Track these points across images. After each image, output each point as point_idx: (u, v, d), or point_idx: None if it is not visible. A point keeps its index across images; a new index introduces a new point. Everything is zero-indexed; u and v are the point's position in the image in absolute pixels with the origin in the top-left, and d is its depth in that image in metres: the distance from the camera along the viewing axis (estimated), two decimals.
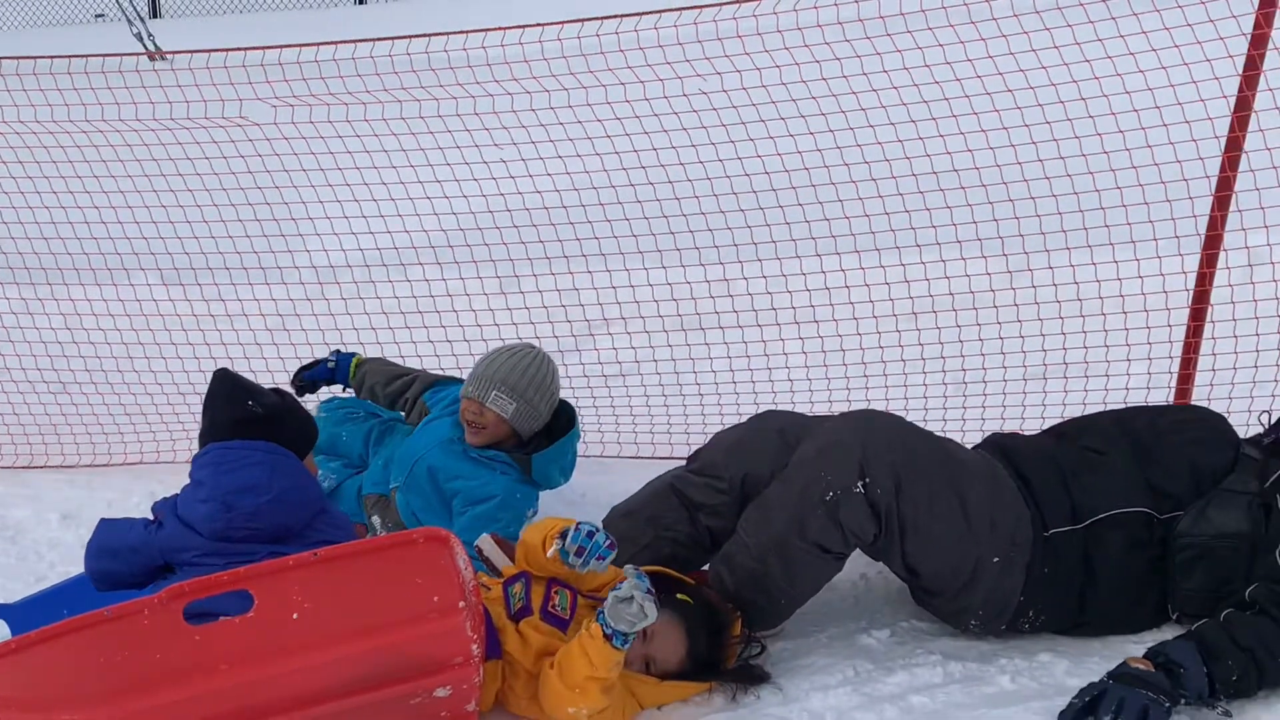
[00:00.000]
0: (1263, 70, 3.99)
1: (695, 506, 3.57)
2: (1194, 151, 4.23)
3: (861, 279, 4.69)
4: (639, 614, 3.06)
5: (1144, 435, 3.46)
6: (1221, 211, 4.18)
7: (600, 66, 4.62)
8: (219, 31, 9.47)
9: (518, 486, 3.93)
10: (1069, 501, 3.37)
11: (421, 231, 5.28)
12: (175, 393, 5.18)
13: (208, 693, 2.87)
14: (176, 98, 5.05)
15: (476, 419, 3.95)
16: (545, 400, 3.96)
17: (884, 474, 3.24)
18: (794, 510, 3.30)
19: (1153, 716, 2.98)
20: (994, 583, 3.35)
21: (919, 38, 4.43)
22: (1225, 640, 3.13)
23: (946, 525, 3.28)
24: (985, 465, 3.40)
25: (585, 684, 3.10)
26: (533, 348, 4.06)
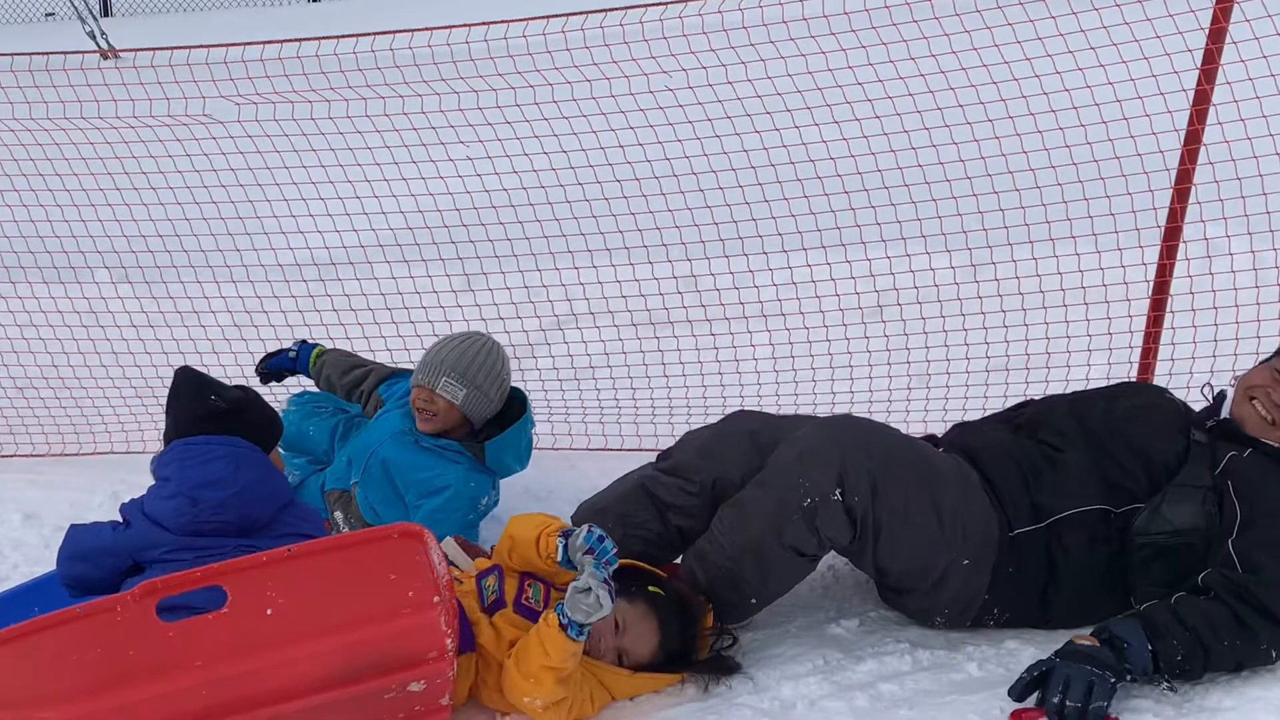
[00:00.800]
0: (1220, 64, 4.05)
1: (666, 506, 3.59)
2: (1154, 144, 4.30)
3: (828, 273, 4.75)
4: (595, 605, 3.06)
5: (1099, 429, 3.50)
6: (1181, 203, 4.25)
7: (566, 63, 4.64)
8: (172, 30, 9.43)
9: (471, 475, 3.93)
10: (1029, 501, 3.42)
11: (387, 229, 5.29)
12: (142, 388, 5.17)
13: (182, 689, 2.87)
14: (134, 95, 5.02)
15: (427, 406, 3.95)
16: (495, 386, 3.97)
17: (862, 482, 3.27)
18: (771, 515, 3.32)
19: (1098, 692, 3.03)
20: (962, 583, 3.40)
21: (883, 33, 4.47)
22: (1171, 620, 3.18)
23: (920, 530, 3.32)
24: (957, 469, 3.43)
25: (540, 673, 3.11)
26: (481, 335, 4.07)
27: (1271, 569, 3.22)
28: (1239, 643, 3.18)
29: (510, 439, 3.99)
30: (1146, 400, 3.62)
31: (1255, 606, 3.19)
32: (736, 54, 4.53)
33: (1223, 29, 4.01)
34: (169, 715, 2.87)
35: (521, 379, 5.01)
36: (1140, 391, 3.73)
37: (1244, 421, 3.45)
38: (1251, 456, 3.41)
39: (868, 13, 4.47)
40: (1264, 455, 3.42)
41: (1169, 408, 3.60)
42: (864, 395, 4.60)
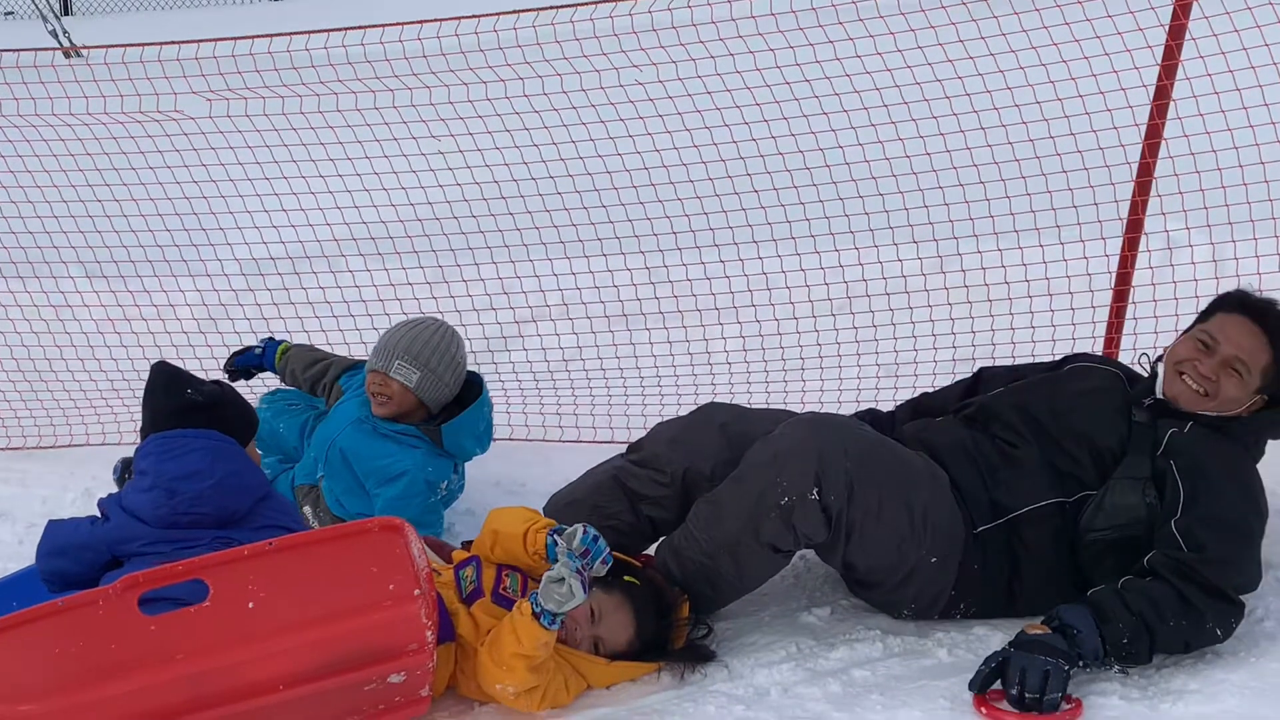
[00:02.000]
0: (1180, 60, 4.13)
1: (637, 497, 3.62)
2: (1115, 139, 4.37)
3: (797, 265, 4.78)
4: (568, 594, 3.10)
5: (1045, 421, 3.53)
6: (1142, 197, 4.32)
7: (536, 58, 4.66)
8: (134, 28, 9.38)
9: (429, 460, 3.95)
10: (989, 499, 3.47)
11: (359, 223, 5.29)
12: (110, 385, 5.17)
13: (164, 682, 2.88)
14: (105, 92, 4.99)
15: (381, 391, 3.96)
16: (450, 369, 3.97)
17: (838, 482, 3.30)
18: (748, 512, 3.36)
19: (1052, 682, 3.08)
20: (928, 579, 3.45)
21: (849, 28, 4.51)
22: (1117, 604, 3.22)
23: (892, 529, 3.37)
24: (928, 468, 3.48)
25: (512, 661, 3.13)
26: (434, 319, 4.09)
27: (1214, 546, 3.27)
28: (1185, 623, 3.22)
29: (467, 421, 3.99)
30: (1087, 386, 3.63)
31: (1200, 585, 3.24)
32: (706, 48, 4.56)
33: (1182, 26, 4.09)
34: (151, 708, 2.88)
35: (495, 373, 5.07)
36: (1083, 374, 3.71)
37: (1177, 399, 3.48)
38: (1192, 430, 3.45)
39: (834, 7, 4.52)
40: (1203, 427, 3.45)
41: (1110, 390, 3.60)
42: (833, 388, 4.65)
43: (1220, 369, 3.45)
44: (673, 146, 4.74)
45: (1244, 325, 3.48)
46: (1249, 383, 3.46)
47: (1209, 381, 3.46)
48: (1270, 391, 3.50)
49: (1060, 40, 4.31)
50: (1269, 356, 3.46)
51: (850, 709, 3.19)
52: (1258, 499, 3.43)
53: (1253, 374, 3.46)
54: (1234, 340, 3.46)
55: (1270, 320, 3.47)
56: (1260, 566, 3.39)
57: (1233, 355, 3.45)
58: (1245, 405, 3.49)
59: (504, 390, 5.03)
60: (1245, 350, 3.45)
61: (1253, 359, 3.45)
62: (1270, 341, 3.46)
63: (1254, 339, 3.46)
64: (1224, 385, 3.46)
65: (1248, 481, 3.43)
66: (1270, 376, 3.47)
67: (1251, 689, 3.13)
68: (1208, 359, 3.46)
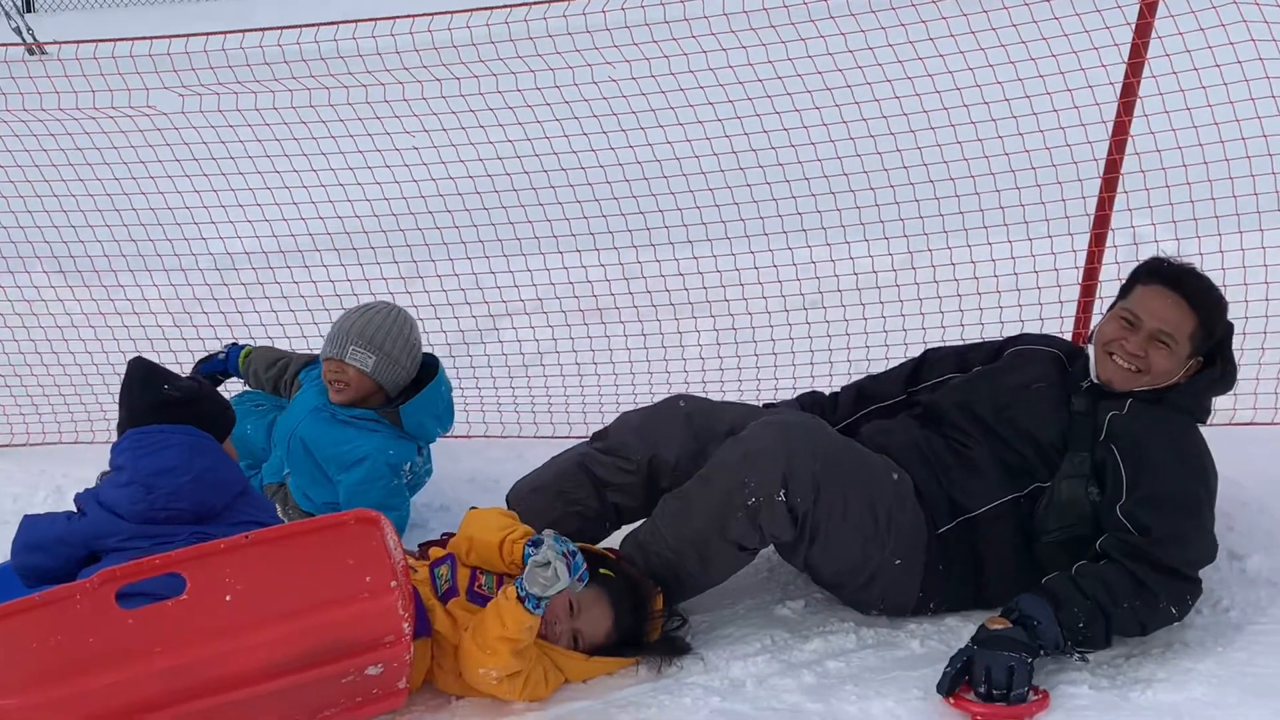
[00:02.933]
0: (1147, 58, 4.18)
1: (602, 484, 3.64)
2: (1083, 136, 4.41)
3: (769, 260, 4.82)
4: (553, 578, 3.12)
5: (990, 419, 3.55)
6: (1109, 194, 4.38)
7: (510, 54, 4.67)
8: (97, 24, 9.32)
9: (390, 443, 3.96)
10: (947, 499, 3.51)
11: (332, 218, 5.27)
12: (82, 381, 5.15)
13: (142, 675, 2.89)
14: (77, 88, 4.96)
15: (338, 377, 3.97)
16: (405, 351, 3.98)
17: (805, 483, 3.33)
18: (716, 511, 3.38)
19: (1017, 677, 3.11)
20: (893, 580, 3.48)
21: (821, 26, 4.55)
22: (1072, 590, 3.26)
23: (856, 530, 3.40)
24: (890, 470, 3.50)
25: (496, 644, 3.15)
26: (386, 303, 4.10)
27: (1159, 527, 3.29)
28: (1139, 603, 3.26)
29: (425, 400, 4.00)
30: (1025, 378, 3.62)
31: (1151, 564, 3.27)
32: (679, 45, 4.58)
33: (1149, 25, 4.14)
34: (130, 702, 2.89)
35: (471, 370, 5.08)
36: (1022, 363, 3.69)
37: (1111, 381, 3.49)
38: (1131, 408, 3.46)
39: (806, 5, 4.56)
40: (1142, 402, 3.47)
41: (1050, 380, 3.59)
42: (805, 384, 4.67)
43: (1148, 344, 3.44)
44: (646, 143, 4.76)
45: (1163, 295, 3.46)
46: (1178, 351, 3.46)
47: (1138, 358, 3.45)
48: (1203, 353, 3.50)
49: (1029, 38, 4.35)
50: (1194, 321, 3.45)
51: (825, 700, 3.22)
52: (1202, 468, 3.43)
53: (1180, 342, 3.45)
54: (1156, 313, 3.44)
55: (1187, 286, 3.46)
56: (1213, 537, 3.40)
57: (1157, 329, 3.44)
58: (1180, 373, 3.49)
59: (477, 386, 5.04)
60: (1169, 321, 3.44)
61: (1177, 328, 3.44)
62: (1191, 307, 3.45)
63: (1175, 308, 3.45)
64: (1154, 359, 3.45)
65: (1191, 452, 3.44)
66: (1199, 340, 3.47)
67: (1218, 677, 3.17)
68: (1134, 336, 3.46)
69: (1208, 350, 3.51)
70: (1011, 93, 4.46)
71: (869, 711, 3.17)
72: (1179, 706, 3.08)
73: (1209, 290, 3.51)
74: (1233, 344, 3.58)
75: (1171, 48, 4.23)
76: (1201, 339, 3.48)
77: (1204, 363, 3.52)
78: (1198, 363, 3.51)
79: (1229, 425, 4.30)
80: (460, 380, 5.04)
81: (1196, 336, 3.47)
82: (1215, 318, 3.50)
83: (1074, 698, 3.17)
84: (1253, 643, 3.31)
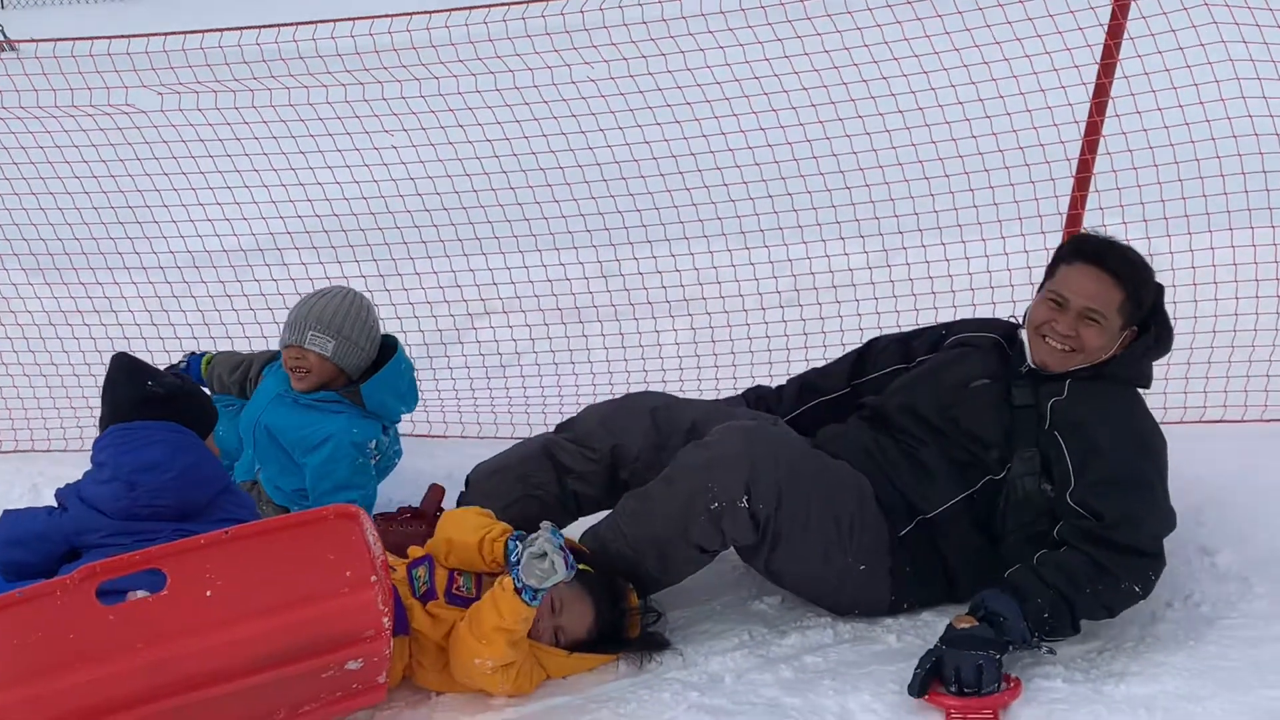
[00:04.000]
0: (1118, 59, 4.24)
1: (565, 470, 3.66)
2: (1055, 136, 4.46)
3: (746, 259, 4.85)
4: (550, 569, 3.14)
5: (937, 422, 3.57)
6: (1081, 193, 4.43)
7: (489, 54, 4.67)
8: (70, 21, 9.28)
9: (353, 422, 3.97)
10: (904, 503, 3.53)
11: (312, 216, 5.28)
12: (60, 381, 5.13)
13: (123, 671, 2.88)
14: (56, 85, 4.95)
15: (299, 363, 3.98)
16: (364, 334, 4.00)
17: (768, 491, 3.36)
18: (678, 513, 3.40)
19: (986, 675, 3.14)
20: (861, 586, 3.51)
21: (798, 26, 4.58)
22: (1033, 581, 3.28)
23: (819, 537, 3.43)
24: (852, 477, 3.52)
25: (493, 635, 3.17)
26: (342, 287, 4.11)
27: (1112, 509, 3.32)
28: (1101, 587, 3.28)
29: (385, 378, 4.01)
30: (966, 374, 3.61)
31: (1109, 546, 3.29)
32: (656, 45, 4.60)
33: (1121, 26, 4.20)
34: (111, 698, 2.88)
35: (448, 369, 5.08)
36: (961, 357, 3.68)
37: (1046, 363, 3.49)
38: (1071, 390, 3.46)
39: (784, 6, 4.59)
40: (1081, 382, 3.47)
41: (989, 375, 3.58)
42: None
43: (1078, 323, 3.44)
44: (624, 143, 4.78)
45: (1087, 272, 3.46)
46: (1109, 326, 3.45)
47: (1070, 338, 3.45)
48: (1136, 322, 3.50)
49: (1002, 39, 4.40)
50: (1121, 294, 3.44)
51: (802, 694, 3.24)
52: (1148, 441, 3.44)
53: (1109, 317, 3.44)
54: (1082, 290, 3.44)
55: (1111, 261, 3.45)
56: (1168, 508, 3.41)
57: (1084, 306, 3.43)
58: (1115, 346, 3.49)
59: (454, 385, 5.05)
60: (1096, 298, 3.43)
61: (1105, 304, 3.43)
62: (1116, 280, 3.43)
63: (1100, 283, 3.44)
64: (1085, 338, 3.45)
65: (1134, 428, 3.44)
66: (1129, 311, 3.46)
67: (1189, 670, 3.21)
68: (1063, 316, 3.45)
69: (1141, 318, 3.51)
70: (985, 92, 4.50)
71: (846, 706, 3.19)
72: (1152, 699, 3.11)
73: (1133, 261, 3.49)
74: (1165, 306, 3.56)
75: (1143, 48, 4.28)
76: (1132, 310, 3.47)
77: (1139, 330, 3.52)
78: (1132, 332, 3.51)
79: (1199, 422, 4.37)
80: (437, 379, 5.06)
81: (1126, 308, 3.46)
82: (1142, 287, 3.48)
83: (1048, 691, 3.20)
84: (1224, 636, 3.35)
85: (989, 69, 4.44)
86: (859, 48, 4.49)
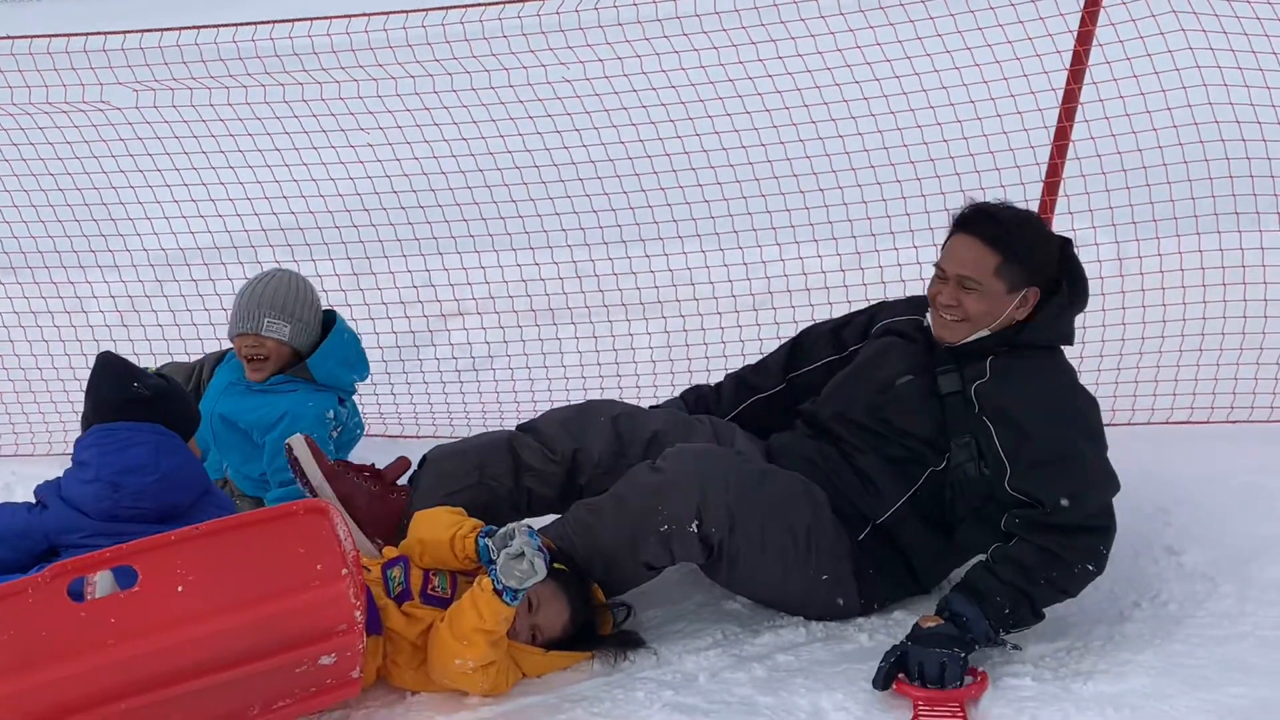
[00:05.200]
0: (1088, 66, 4.28)
1: (523, 467, 3.65)
2: (1026, 141, 4.50)
3: (720, 260, 4.87)
4: (529, 571, 3.15)
5: (870, 424, 3.58)
6: (1050, 197, 4.47)
7: (465, 53, 4.68)
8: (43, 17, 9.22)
9: (307, 397, 4.00)
10: (854, 510, 3.55)
11: (285, 213, 5.26)
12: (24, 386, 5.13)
13: (95, 668, 2.87)
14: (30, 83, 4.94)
15: (256, 351, 4.00)
16: (312, 313, 4.04)
17: (720, 515, 3.37)
18: (626, 532, 3.41)
19: (949, 672, 3.17)
20: (829, 594, 3.53)
21: (771, 30, 4.61)
22: (990, 580, 3.31)
23: (776, 558, 3.45)
24: (805, 490, 3.53)
25: (473, 635, 3.17)
26: (281, 269, 4.13)
27: (1050, 493, 3.32)
28: (1055, 574, 3.31)
29: (331, 349, 4.04)
30: (890, 373, 3.59)
31: (1056, 530, 3.30)
32: (631, 47, 4.62)
33: (1090, 33, 4.24)
34: (83, 695, 2.87)
35: (420, 370, 5.08)
36: (885, 351, 3.66)
37: (942, 337, 3.50)
38: (993, 368, 3.44)
39: (757, 10, 4.61)
40: (1000, 360, 3.45)
41: (913, 368, 3.56)
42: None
43: (957, 292, 3.44)
44: (599, 142, 4.79)
45: (960, 241, 3.46)
46: (990, 290, 3.43)
47: (954, 308, 3.46)
48: (1034, 282, 3.45)
49: (974, 45, 4.44)
50: (996, 258, 3.41)
51: (775, 693, 3.26)
52: (1076, 412, 3.42)
53: (986, 282, 3.42)
54: (957, 259, 3.45)
55: (980, 227, 3.44)
56: (1109, 474, 3.40)
57: (959, 274, 3.44)
58: (1009, 309, 3.45)
59: (425, 386, 5.05)
60: (968, 264, 3.43)
61: (978, 270, 3.41)
62: (989, 245, 3.41)
63: (972, 249, 3.43)
64: (967, 305, 3.44)
65: (1059, 403, 3.42)
66: (1014, 274, 3.43)
67: (1156, 669, 3.24)
68: (945, 287, 3.46)
69: (1047, 277, 3.47)
70: (956, 97, 4.54)
71: (819, 705, 3.21)
72: (1119, 697, 3.14)
73: (1007, 224, 3.45)
74: (1075, 257, 3.53)
75: (1112, 55, 4.33)
76: (1017, 272, 3.43)
77: (1052, 289, 3.48)
78: (1034, 292, 3.46)
79: (1167, 424, 4.42)
80: (409, 380, 5.06)
81: (1007, 272, 3.42)
82: (1022, 248, 3.44)
83: (1017, 689, 3.22)
84: (1191, 635, 3.38)
85: (960, 74, 4.48)
86: (832, 52, 4.52)
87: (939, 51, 4.50)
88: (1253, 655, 3.27)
